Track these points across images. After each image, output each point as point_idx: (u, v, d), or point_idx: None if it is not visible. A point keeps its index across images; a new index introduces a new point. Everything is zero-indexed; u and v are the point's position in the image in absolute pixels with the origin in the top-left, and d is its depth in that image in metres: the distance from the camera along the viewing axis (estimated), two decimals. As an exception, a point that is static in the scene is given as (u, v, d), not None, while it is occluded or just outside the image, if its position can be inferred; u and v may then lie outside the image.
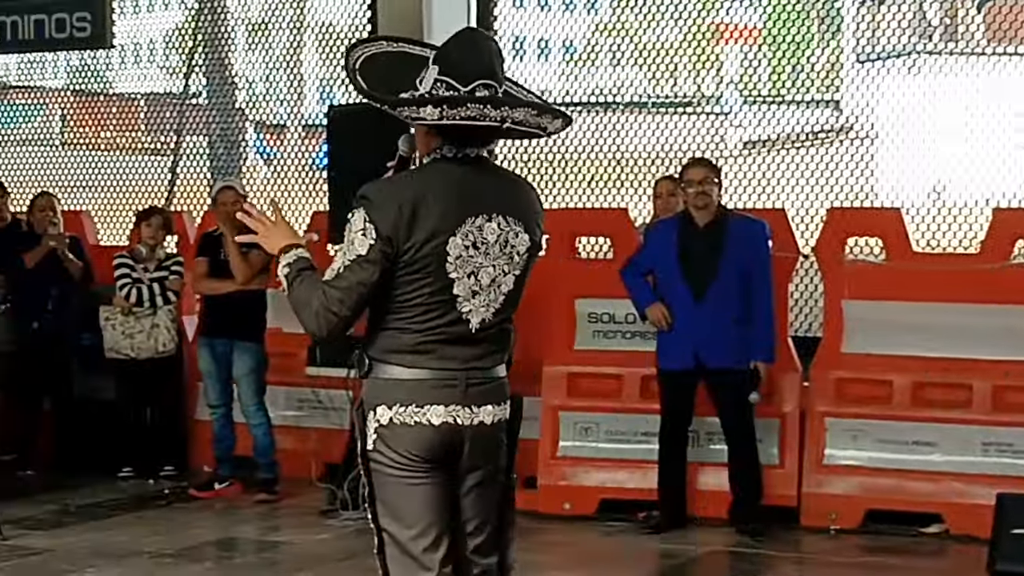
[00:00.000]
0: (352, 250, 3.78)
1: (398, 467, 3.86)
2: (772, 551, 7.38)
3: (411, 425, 3.84)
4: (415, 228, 3.79)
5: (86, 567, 7.03)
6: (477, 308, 3.89)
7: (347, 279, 3.78)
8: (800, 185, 9.71)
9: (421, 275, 3.82)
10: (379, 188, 3.87)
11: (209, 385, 8.79)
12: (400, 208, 3.78)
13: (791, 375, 8.05)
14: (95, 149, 13.18)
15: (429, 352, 3.86)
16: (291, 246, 3.95)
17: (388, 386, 3.85)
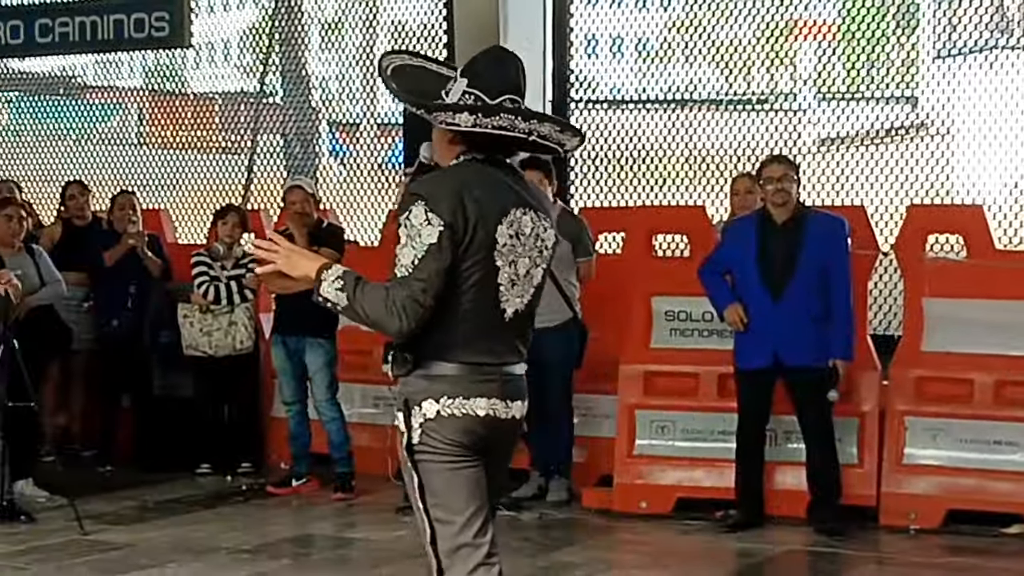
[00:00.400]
0: (421, 243, 3.87)
1: (446, 455, 3.97)
2: (851, 551, 7.32)
3: (459, 416, 3.96)
4: (468, 215, 3.92)
5: (166, 562, 7.09)
6: (513, 298, 4.03)
7: (426, 268, 3.87)
8: (877, 182, 9.63)
9: (471, 261, 3.94)
10: (429, 183, 3.99)
11: (284, 382, 8.84)
12: (454, 196, 3.91)
13: (870, 374, 7.98)
14: (172, 148, 13.31)
15: (472, 346, 3.98)
16: (329, 264, 4.01)
17: (434, 381, 3.96)
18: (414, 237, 3.88)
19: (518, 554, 7.29)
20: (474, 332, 3.98)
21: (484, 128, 3.94)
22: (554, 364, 8.34)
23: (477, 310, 3.98)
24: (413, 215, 3.89)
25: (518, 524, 7.92)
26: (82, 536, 7.59)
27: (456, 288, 3.94)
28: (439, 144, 4.11)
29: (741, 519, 7.72)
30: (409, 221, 3.90)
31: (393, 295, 3.86)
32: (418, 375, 3.97)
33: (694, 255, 8.43)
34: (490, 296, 3.99)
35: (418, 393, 3.96)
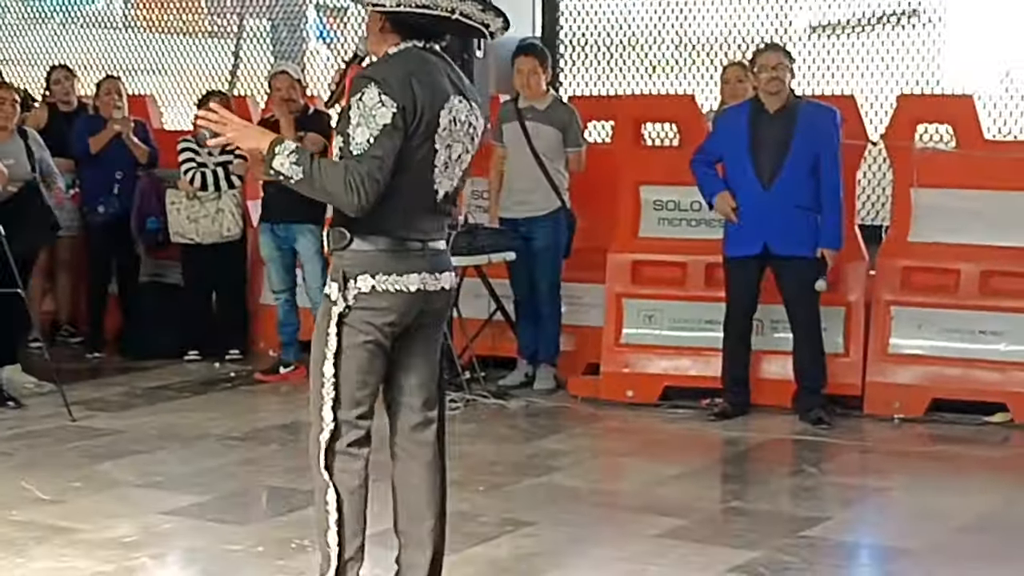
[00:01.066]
0: (374, 123, 4.04)
1: (369, 334, 4.19)
2: (835, 439, 7.39)
3: (392, 292, 4.19)
4: (417, 100, 4.09)
5: (155, 448, 7.14)
6: (444, 180, 4.25)
7: (381, 147, 4.04)
8: (868, 70, 9.57)
9: (415, 145, 4.13)
10: (379, 68, 4.15)
11: (272, 271, 8.83)
12: (404, 81, 4.08)
13: (857, 263, 8.00)
14: (158, 32, 13.15)
15: (406, 224, 4.20)
16: (281, 138, 4.14)
17: (369, 256, 4.18)
18: (368, 117, 4.04)
19: (506, 441, 7.36)
20: (409, 211, 4.20)
21: (408, 7, 4.09)
22: (543, 253, 8.37)
23: (413, 190, 4.18)
24: (366, 96, 4.05)
25: (505, 412, 7.99)
26: (71, 422, 7.62)
27: (398, 168, 4.11)
28: (373, 34, 4.26)
29: (727, 408, 7.78)
30: (362, 102, 4.05)
31: (352, 171, 4.02)
32: (354, 250, 4.18)
33: (683, 144, 8.40)
34: (426, 177, 4.20)
35: (354, 267, 4.18)
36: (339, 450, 4.25)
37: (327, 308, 4.21)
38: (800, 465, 6.96)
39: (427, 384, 4.41)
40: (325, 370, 4.21)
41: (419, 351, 4.37)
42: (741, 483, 6.75)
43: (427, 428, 4.43)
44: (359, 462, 4.28)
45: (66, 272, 9.85)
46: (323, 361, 4.21)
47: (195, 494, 6.26)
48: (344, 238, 4.17)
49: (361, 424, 4.26)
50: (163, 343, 9.42)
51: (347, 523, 4.27)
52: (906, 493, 6.53)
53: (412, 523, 4.44)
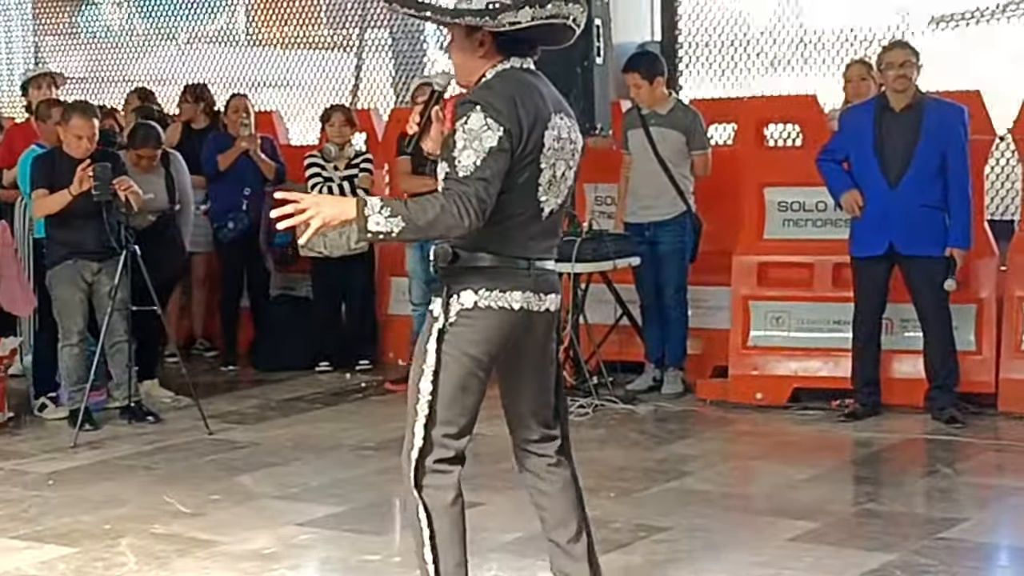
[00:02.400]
0: (481, 146, 4.02)
1: (470, 357, 4.15)
2: (969, 438, 7.31)
3: (495, 309, 4.15)
4: (523, 121, 4.08)
5: (292, 459, 7.26)
6: (550, 198, 4.22)
7: (488, 168, 4.02)
8: (992, 61, 9.43)
9: (521, 164, 4.11)
10: (483, 92, 4.13)
11: (415, 284, 8.83)
12: (510, 103, 4.07)
13: (987, 259, 7.90)
14: (280, 46, 13.35)
15: (511, 241, 4.17)
16: (364, 200, 4.05)
17: (473, 272, 4.15)
18: (473, 141, 4.03)
19: (635, 446, 7.37)
20: (514, 228, 4.17)
21: (540, 19, 4.07)
22: (669, 257, 8.38)
23: (519, 209, 4.16)
24: (472, 120, 4.03)
25: (634, 417, 8.00)
26: (208, 435, 7.78)
27: (504, 187, 4.09)
28: (467, 57, 4.24)
29: (858, 408, 7.73)
30: (468, 126, 4.03)
31: (456, 193, 4.01)
32: (459, 266, 4.16)
33: (806, 144, 8.36)
34: (532, 195, 4.17)
35: (458, 283, 4.16)
36: (429, 468, 4.24)
37: (429, 324, 4.20)
38: (934, 465, 6.88)
39: (540, 406, 4.39)
40: (422, 386, 4.20)
41: (528, 373, 4.35)
42: (874, 485, 6.68)
43: (548, 443, 4.43)
44: (449, 479, 4.25)
45: (200, 288, 10.06)
46: (420, 377, 4.20)
47: (331, 505, 6.35)
48: (448, 255, 4.15)
49: (451, 444, 4.23)
50: (295, 355, 9.58)
51: (440, 540, 4.24)
52: (1045, 492, 6.45)
53: (556, 531, 4.46)
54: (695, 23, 10.42)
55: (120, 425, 8.04)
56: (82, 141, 7.90)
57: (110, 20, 14.47)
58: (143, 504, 6.43)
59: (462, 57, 4.25)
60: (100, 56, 14.05)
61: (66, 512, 6.31)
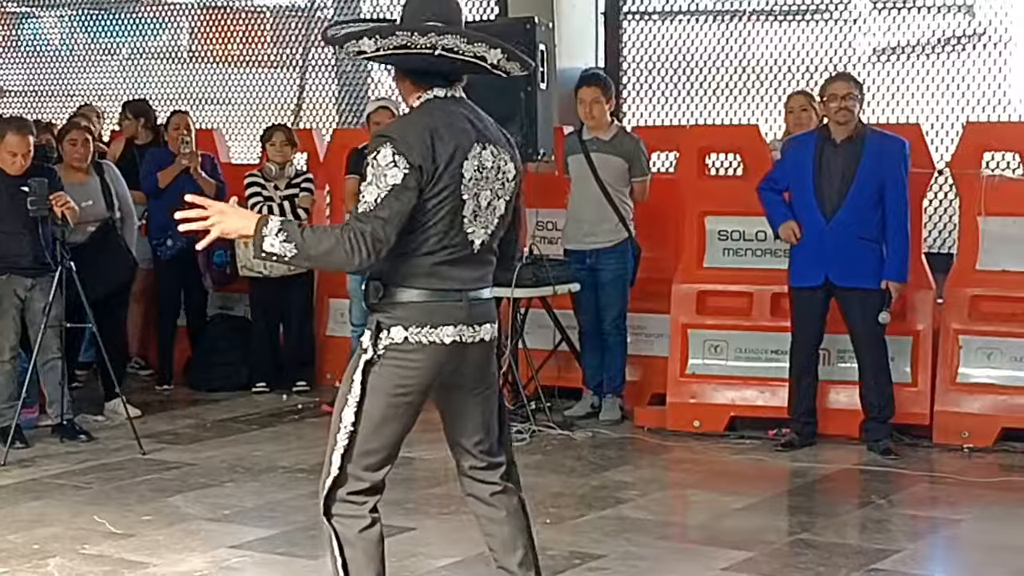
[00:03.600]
0: (385, 182, 4.05)
1: (397, 392, 4.16)
2: (904, 469, 7.35)
3: (425, 344, 4.15)
4: (437, 154, 4.09)
5: (225, 481, 7.20)
6: (478, 229, 4.22)
7: (389, 207, 4.04)
8: (932, 94, 9.53)
9: (439, 198, 4.12)
10: (399, 126, 4.19)
11: (355, 305, 8.75)
12: (422, 138, 4.08)
13: (924, 292, 7.96)
14: (223, 63, 13.28)
15: (440, 274, 4.18)
16: (265, 218, 4.09)
17: (404, 308, 4.16)
18: (379, 177, 4.05)
19: (572, 473, 7.36)
20: (442, 262, 4.17)
21: (387, 50, 4.11)
22: (609, 283, 8.38)
23: (444, 241, 4.16)
24: (380, 156, 4.06)
25: (571, 443, 7.99)
26: (141, 455, 7.71)
27: (425, 222, 4.12)
28: (398, 86, 4.31)
29: (794, 438, 7.76)
30: (376, 161, 4.07)
31: (352, 229, 4.03)
32: (389, 302, 4.17)
33: (747, 174, 8.39)
34: (457, 228, 4.17)
35: (389, 319, 4.16)
36: (340, 497, 4.23)
37: (358, 355, 4.20)
38: (869, 496, 6.91)
39: (483, 433, 4.40)
40: (344, 416, 4.19)
41: (466, 402, 4.35)
42: (809, 515, 6.68)
43: (492, 471, 4.44)
44: (360, 510, 4.24)
45: (137, 305, 9.95)
46: (344, 407, 4.20)
47: (264, 527, 6.31)
48: (379, 291, 4.16)
49: (366, 476, 4.22)
50: (231, 375, 9.52)
51: (354, 569, 4.24)
52: (977, 525, 6.48)
53: (505, 558, 4.47)
54: (639, 50, 10.46)
55: (52, 443, 7.96)
56: (16, 158, 7.82)
57: (51, 34, 14.35)
58: (73, 524, 6.36)
59: (398, 86, 4.32)
60: (40, 70, 13.93)
61: (-6, 531, 6.23)
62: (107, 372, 8.36)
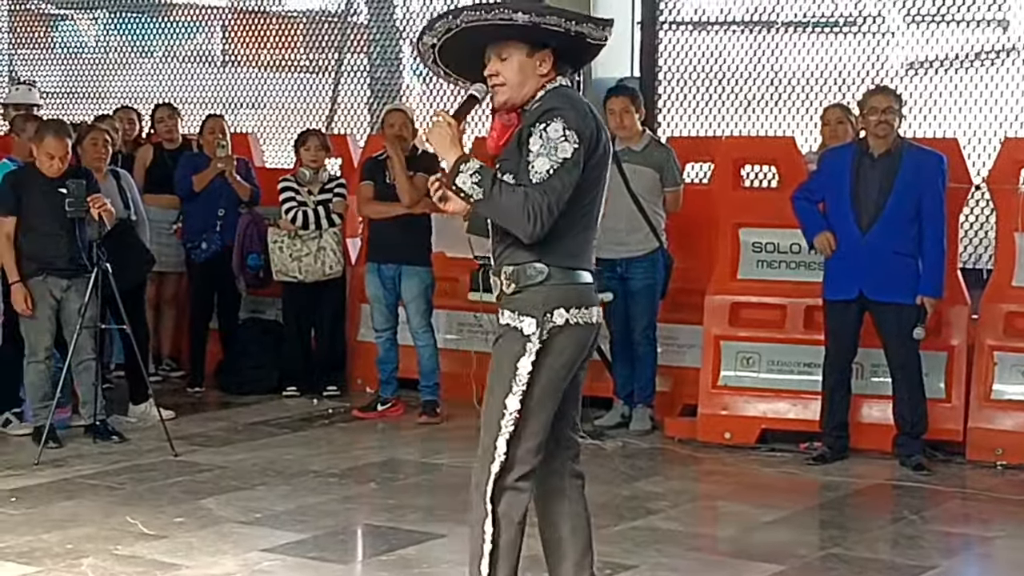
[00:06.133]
0: (556, 155, 4.14)
1: (558, 375, 4.28)
2: (936, 485, 7.32)
3: (582, 325, 4.28)
4: (597, 135, 4.24)
5: (257, 484, 7.21)
6: (597, 215, 4.38)
7: (560, 180, 4.14)
8: (966, 107, 9.49)
9: (592, 178, 4.26)
10: (562, 101, 4.24)
11: (376, 310, 8.85)
12: (587, 117, 4.22)
13: (959, 308, 7.92)
14: (256, 67, 13.32)
15: (587, 256, 4.35)
16: (467, 157, 4.23)
17: (562, 290, 4.26)
18: (550, 149, 4.14)
19: (602, 483, 7.31)
20: (587, 243, 4.34)
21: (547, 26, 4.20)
22: (640, 293, 8.37)
23: (588, 222, 4.33)
24: (551, 128, 4.15)
25: (601, 453, 7.97)
26: (173, 457, 7.74)
27: (582, 201, 4.24)
28: (526, 71, 4.31)
29: (826, 452, 7.73)
30: (546, 133, 4.15)
31: (532, 199, 4.11)
32: (550, 284, 4.25)
33: (783, 186, 8.38)
34: (596, 209, 4.35)
35: (551, 301, 4.25)
36: (508, 484, 4.31)
37: (519, 342, 4.25)
38: (901, 512, 6.88)
39: (575, 412, 4.55)
40: (508, 402, 4.26)
41: (578, 383, 4.50)
42: (840, 529, 6.66)
43: (578, 458, 4.58)
44: (524, 496, 4.35)
45: (170, 308, 10.01)
46: (507, 394, 4.26)
47: (295, 531, 6.32)
48: (541, 273, 4.24)
49: (530, 460, 4.33)
50: (262, 379, 9.54)
51: (502, 556, 4.34)
52: (1010, 542, 6.44)
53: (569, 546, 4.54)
54: (675, 60, 10.45)
55: (85, 444, 7.99)
56: (54, 161, 7.86)
57: (86, 36, 14.42)
58: (106, 524, 6.38)
59: (520, 77, 4.31)
60: (75, 71, 14.00)
61: (28, 530, 6.26)
62: (138, 373, 8.40)
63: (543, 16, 4.21)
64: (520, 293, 4.27)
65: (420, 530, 6.38)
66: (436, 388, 8.82)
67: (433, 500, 6.98)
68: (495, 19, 4.22)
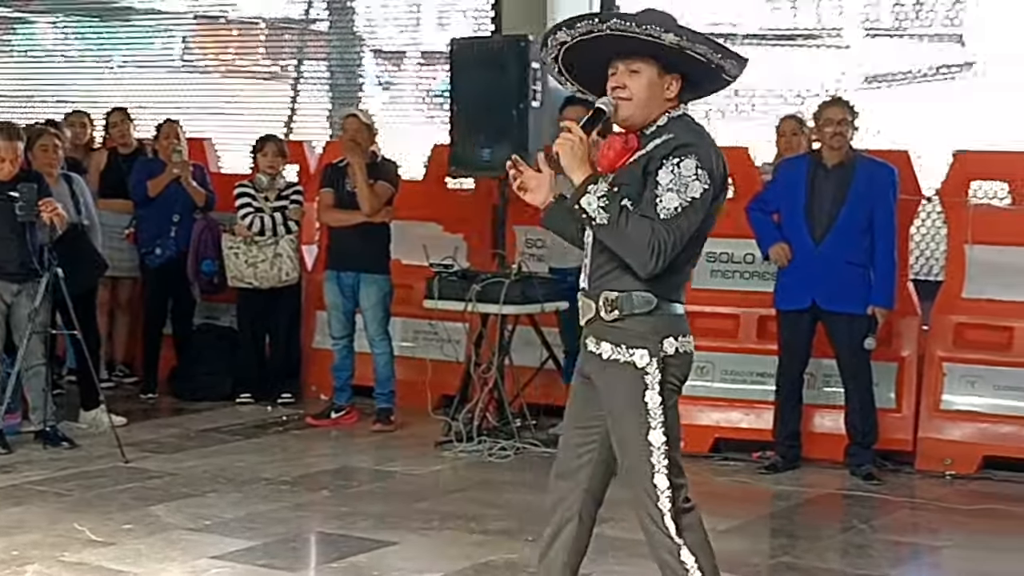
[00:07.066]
0: (686, 193, 4.07)
1: (673, 397, 4.24)
2: (886, 495, 7.35)
3: (686, 354, 4.26)
4: (721, 177, 4.17)
5: (206, 491, 7.18)
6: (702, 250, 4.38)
7: (686, 220, 4.08)
8: (922, 121, 9.55)
9: (711, 221, 4.20)
10: (696, 137, 4.18)
11: (334, 317, 8.82)
12: (716, 158, 4.16)
13: (910, 319, 7.98)
14: (216, 74, 13.28)
15: (684, 290, 4.30)
16: (596, 177, 4.13)
17: (674, 320, 4.22)
18: (681, 187, 4.07)
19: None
20: (689, 278, 4.38)
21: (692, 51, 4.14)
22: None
23: (696, 259, 4.34)
24: (684, 165, 4.07)
25: (555, 461, 7.96)
26: (124, 463, 7.69)
27: (696, 240, 4.20)
28: (655, 91, 4.22)
29: (778, 461, 7.76)
30: (679, 169, 4.07)
31: (658, 235, 4.04)
32: (660, 314, 4.19)
33: (737, 197, 8.38)
34: (702, 244, 4.28)
35: (659, 331, 4.19)
36: (682, 510, 4.30)
37: (634, 376, 4.19)
38: (851, 521, 6.91)
39: None
40: (652, 438, 4.21)
41: None
42: (791, 538, 6.69)
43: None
44: (694, 511, 4.36)
45: (124, 313, 9.96)
46: (647, 430, 4.21)
47: (245, 539, 6.29)
48: (649, 304, 4.18)
49: (683, 482, 4.32)
50: (216, 385, 9.51)
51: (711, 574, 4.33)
52: (959, 551, 6.48)
53: None
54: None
55: (35, 449, 7.94)
56: (4, 164, 7.81)
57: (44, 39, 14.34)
58: (52, 531, 6.34)
59: (648, 95, 4.22)
60: (33, 75, 13.91)
61: (-26, 536, 6.21)
62: (89, 379, 8.35)
63: (692, 43, 4.13)
64: (621, 321, 4.20)
65: (372, 538, 6.37)
66: (391, 396, 8.81)
67: (386, 508, 6.96)
68: (642, 33, 4.11)
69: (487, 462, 7.92)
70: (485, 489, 7.35)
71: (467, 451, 8.05)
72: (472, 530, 6.52)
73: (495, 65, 8.37)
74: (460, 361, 8.68)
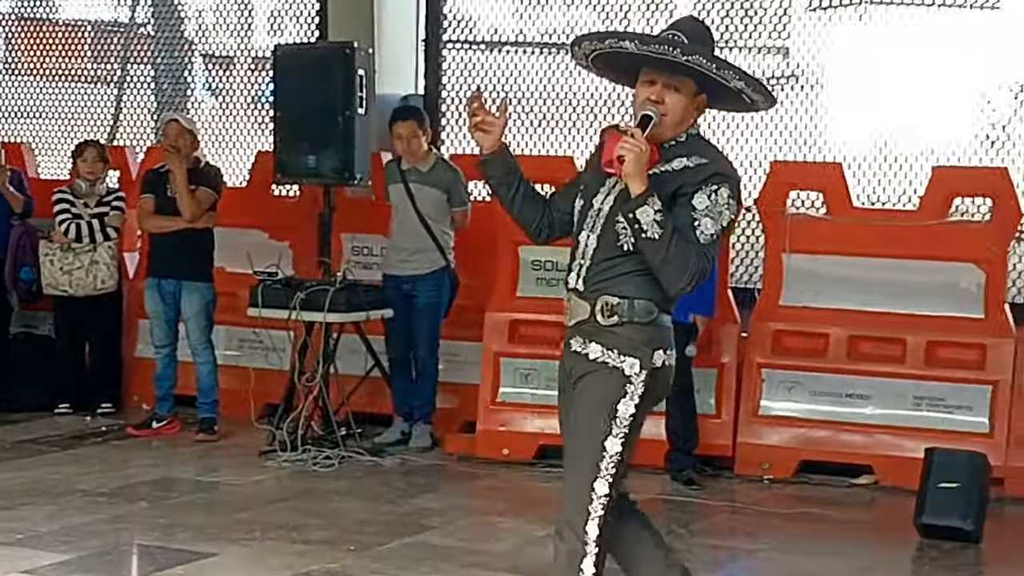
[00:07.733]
0: (721, 220, 4.16)
1: (650, 406, 4.31)
2: (706, 499, 7.48)
3: (668, 367, 4.31)
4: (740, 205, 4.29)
5: (19, 504, 7.01)
6: None
7: (717, 245, 4.22)
8: (746, 132, 9.71)
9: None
10: (727, 166, 4.25)
11: (155, 326, 8.70)
12: (739, 186, 4.25)
13: (730, 326, 8.12)
14: (39, 77, 13.00)
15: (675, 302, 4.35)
16: (654, 192, 4.11)
17: (665, 332, 4.29)
18: (716, 214, 4.15)
19: (379, 500, 7.34)
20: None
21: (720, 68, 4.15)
22: (425, 310, 8.38)
23: None
24: (720, 194, 4.15)
25: (379, 470, 7.96)
26: (-65, 477, 7.50)
27: None
28: (688, 110, 4.26)
29: (601, 467, 7.82)
30: (716, 196, 4.15)
31: (701, 261, 4.12)
32: (655, 325, 4.25)
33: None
34: None
35: (653, 342, 4.25)
36: (611, 521, 4.28)
37: (618, 383, 4.22)
38: (670, 526, 6.97)
39: None
40: (608, 445, 4.22)
41: None
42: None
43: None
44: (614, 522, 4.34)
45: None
46: (605, 436, 4.21)
47: (60, 552, 6.16)
48: (651, 314, 4.23)
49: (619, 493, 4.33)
50: (33, 395, 9.29)
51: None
52: (775, 554, 6.60)
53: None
54: (460, 78, 10.49)
55: None
56: None
57: None
58: None
59: (683, 113, 4.26)
60: None
61: None
62: None
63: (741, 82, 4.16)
64: (619, 327, 4.21)
65: (191, 549, 6.28)
66: (214, 405, 8.71)
67: (206, 519, 6.88)
68: (680, 58, 4.12)
69: (311, 471, 7.87)
70: (308, 498, 7.30)
71: (291, 460, 7.99)
72: (294, 540, 6.48)
73: (320, 72, 8.33)
74: (285, 370, 8.61)
